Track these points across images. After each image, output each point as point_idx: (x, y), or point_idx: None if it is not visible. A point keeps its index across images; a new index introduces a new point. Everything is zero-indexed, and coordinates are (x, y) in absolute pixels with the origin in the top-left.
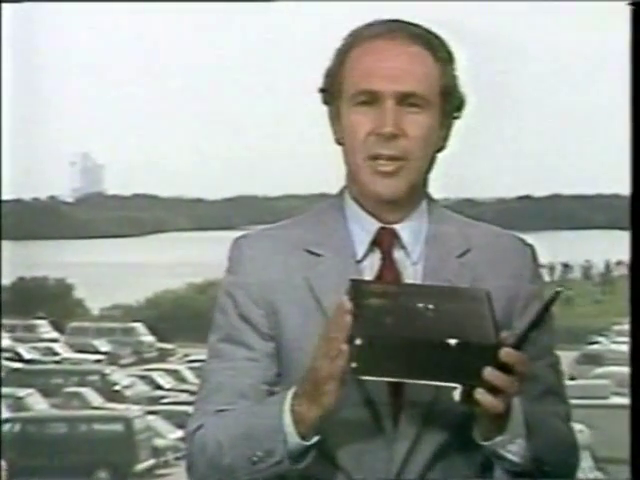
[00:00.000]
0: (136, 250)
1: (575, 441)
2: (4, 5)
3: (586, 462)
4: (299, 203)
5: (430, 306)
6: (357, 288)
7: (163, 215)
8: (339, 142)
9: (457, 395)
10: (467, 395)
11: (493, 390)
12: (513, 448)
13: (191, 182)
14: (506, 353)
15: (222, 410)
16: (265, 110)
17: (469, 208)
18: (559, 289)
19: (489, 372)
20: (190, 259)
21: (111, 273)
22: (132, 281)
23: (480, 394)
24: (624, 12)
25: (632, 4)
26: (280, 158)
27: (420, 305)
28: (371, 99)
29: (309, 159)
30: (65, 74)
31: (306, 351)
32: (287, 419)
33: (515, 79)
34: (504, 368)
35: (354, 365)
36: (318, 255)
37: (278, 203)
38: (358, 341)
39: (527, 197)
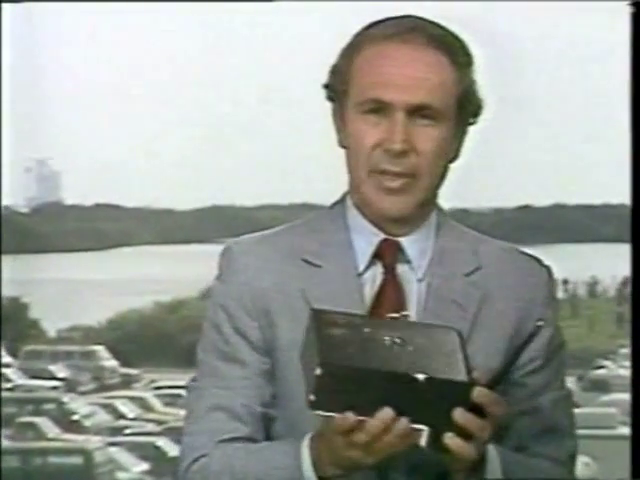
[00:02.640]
0: (98, 265)
1: None
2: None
3: None
4: (280, 214)
5: (397, 340)
6: (318, 318)
7: (128, 227)
8: (342, 146)
9: (424, 439)
10: (435, 439)
11: (464, 434)
12: None
13: (159, 191)
14: (479, 393)
15: (224, 440)
16: (242, 114)
17: (464, 219)
18: (539, 323)
19: (460, 414)
20: (157, 275)
21: (70, 291)
22: (93, 300)
23: (449, 438)
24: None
25: (632, 4)
26: (258, 164)
27: (386, 338)
28: (380, 108)
29: (291, 166)
30: (29, 75)
31: (300, 370)
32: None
33: (513, 83)
34: (477, 410)
35: (312, 398)
36: (316, 266)
37: (256, 214)
38: (318, 371)
39: (527, 207)
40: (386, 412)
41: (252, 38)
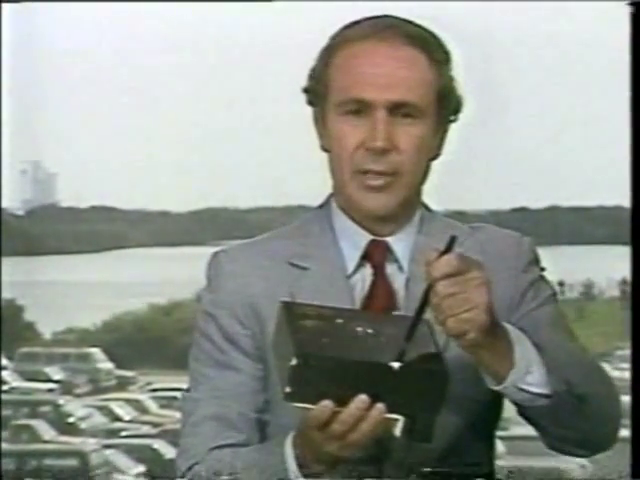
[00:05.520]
0: (93, 268)
1: (604, 370)
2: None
3: None
4: (273, 216)
5: (369, 330)
6: (289, 310)
7: (123, 229)
8: (325, 149)
9: (398, 429)
10: (410, 428)
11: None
12: (532, 379)
13: (154, 193)
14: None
15: (217, 447)
16: (234, 117)
17: (460, 221)
18: (454, 235)
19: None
20: (153, 278)
21: (65, 293)
22: (88, 302)
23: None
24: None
25: (632, 4)
26: (253, 167)
27: (359, 329)
28: (360, 108)
29: (286, 168)
30: (29, 74)
31: None
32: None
33: (509, 83)
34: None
35: (288, 390)
36: (303, 268)
37: (250, 216)
38: (293, 361)
39: (523, 209)
40: (361, 399)
41: (246, 40)
